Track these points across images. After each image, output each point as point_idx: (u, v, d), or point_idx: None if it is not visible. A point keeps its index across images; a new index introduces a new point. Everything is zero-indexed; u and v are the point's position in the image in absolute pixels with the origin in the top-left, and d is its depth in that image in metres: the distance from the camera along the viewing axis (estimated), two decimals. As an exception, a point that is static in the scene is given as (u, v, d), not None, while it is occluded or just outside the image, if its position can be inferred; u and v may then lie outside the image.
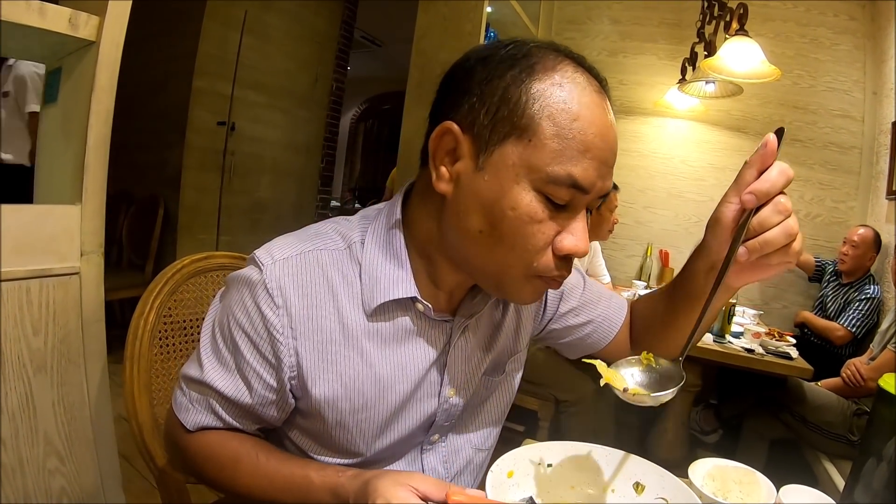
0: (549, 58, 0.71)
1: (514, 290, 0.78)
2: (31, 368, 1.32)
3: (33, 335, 1.32)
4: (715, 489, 0.95)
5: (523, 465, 0.87)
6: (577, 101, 0.69)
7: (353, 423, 0.85)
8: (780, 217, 0.71)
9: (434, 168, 0.75)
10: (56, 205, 1.38)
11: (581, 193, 0.70)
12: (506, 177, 0.70)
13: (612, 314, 1.09)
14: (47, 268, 1.33)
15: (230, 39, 4.26)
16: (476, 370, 0.95)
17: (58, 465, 1.41)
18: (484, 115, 0.71)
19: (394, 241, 0.83)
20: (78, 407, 1.44)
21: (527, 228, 0.71)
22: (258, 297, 0.79)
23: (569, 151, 0.68)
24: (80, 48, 1.37)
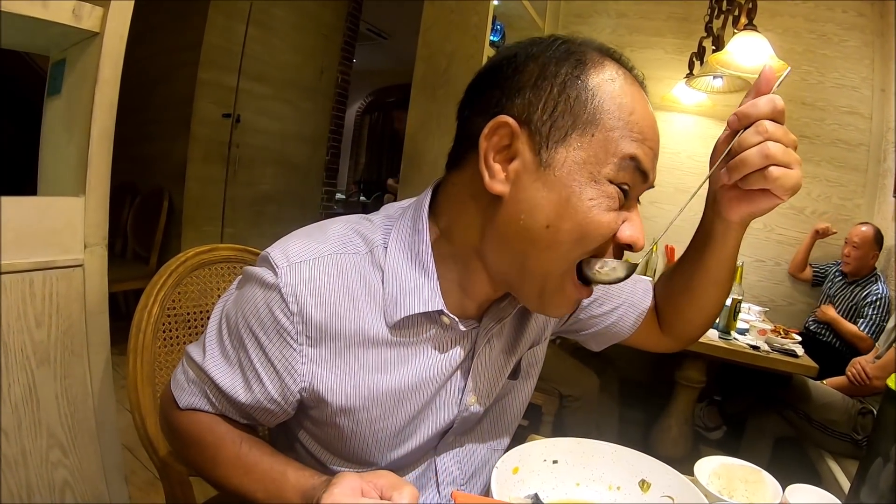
0: (595, 55, 0.72)
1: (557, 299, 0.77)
2: (34, 361, 1.32)
3: (36, 328, 1.32)
4: (720, 487, 0.95)
5: (529, 461, 0.86)
6: (629, 95, 0.71)
7: (370, 433, 0.83)
8: (759, 138, 0.71)
9: (486, 167, 0.72)
10: (59, 197, 1.38)
11: (640, 178, 0.72)
12: (575, 171, 0.69)
13: (637, 300, 1.06)
14: (50, 260, 1.32)
15: (235, 31, 4.25)
16: (500, 375, 0.93)
17: (60, 458, 1.41)
18: (542, 110, 0.70)
19: (420, 247, 0.80)
20: (81, 399, 1.44)
21: (603, 217, 0.70)
22: (272, 301, 0.76)
23: (630, 137, 0.69)
24: (83, 39, 1.37)
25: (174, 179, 4.16)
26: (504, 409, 1.01)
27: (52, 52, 1.52)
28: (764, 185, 0.71)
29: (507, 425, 1.02)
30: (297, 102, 4.99)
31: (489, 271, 0.79)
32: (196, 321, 1.22)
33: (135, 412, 1.09)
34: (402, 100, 3.51)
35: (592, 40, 0.75)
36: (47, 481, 1.39)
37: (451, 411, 0.88)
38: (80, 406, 1.44)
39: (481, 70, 0.79)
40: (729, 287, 0.96)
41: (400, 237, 0.81)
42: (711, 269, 0.91)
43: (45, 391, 1.36)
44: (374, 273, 0.79)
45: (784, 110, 0.71)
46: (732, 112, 0.74)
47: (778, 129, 0.70)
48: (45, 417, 1.37)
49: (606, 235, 0.71)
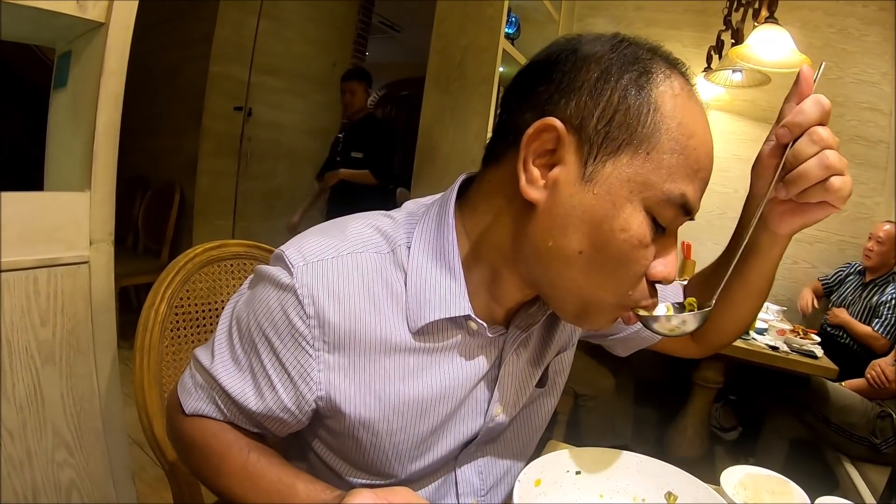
0: (663, 65, 0.66)
1: (597, 318, 0.73)
2: (38, 360, 1.31)
3: (41, 326, 1.31)
4: (746, 498, 0.93)
5: (551, 472, 0.84)
6: (691, 116, 0.64)
7: (390, 444, 0.78)
8: (816, 148, 0.66)
9: (524, 169, 0.66)
10: (64, 192, 1.37)
11: (683, 216, 0.66)
12: (619, 193, 0.63)
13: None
14: (55, 257, 1.31)
15: (247, 24, 4.23)
16: (527, 384, 0.88)
17: (66, 458, 1.40)
18: (597, 118, 0.63)
19: (446, 247, 0.74)
20: (87, 398, 1.43)
21: (635, 253, 0.65)
22: (286, 303, 0.71)
23: (684, 169, 0.63)
24: (89, 30, 1.35)
25: (186, 173, 4.16)
26: (529, 418, 0.96)
27: (58, 43, 1.51)
28: (824, 197, 0.67)
29: (531, 435, 0.98)
30: (310, 96, 4.97)
31: (521, 279, 0.74)
32: (205, 320, 1.19)
33: (142, 413, 1.06)
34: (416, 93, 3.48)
35: (659, 46, 0.69)
36: (53, 482, 1.38)
37: (477, 422, 0.84)
38: (87, 405, 1.43)
39: (534, 59, 0.72)
40: (766, 296, 0.91)
41: (424, 236, 0.76)
42: (752, 280, 0.86)
43: (50, 390, 1.35)
44: (397, 274, 0.74)
45: (830, 109, 0.67)
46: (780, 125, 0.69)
47: (830, 134, 0.66)
48: (51, 417, 1.36)
49: (636, 274, 0.67)
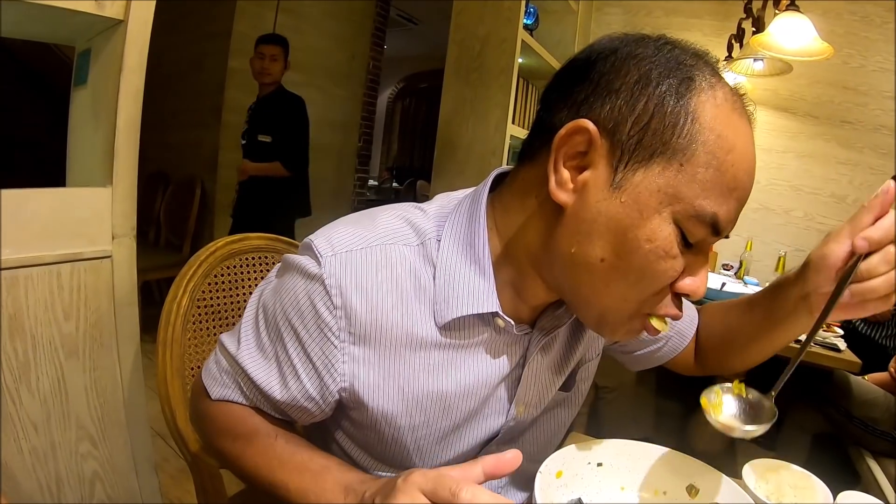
0: (708, 72, 0.63)
1: (615, 327, 0.72)
2: (62, 353, 1.33)
3: (64, 320, 1.32)
4: (769, 492, 0.92)
5: (573, 464, 0.83)
6: (733, 128, 0.62)
7: (412, 439, 0.79)
8: (888, 267, 0.66)
9: (555, 170, 0.65)
10: (86, 188, 1.38)
11: (714, 235, 0.64)
12: (647, 203, 0.61)
13: (684, 327, 1.02)
14: (78, 251, 1.32)
15: (265, 18, 4.24)
16: (550, 385, 0.87)
17: (90, 449, 1.42)
18: (632, 123, 0.62)
19: (476, 242, 0.73)
20: (110, 391, 1.45)
21: (659, 265, 0.63)
22: (314, 293, 0.71)
23: (719, 187, 0.61)
24: (107, 28, 1.36)
25: (206, 167, 4.19)
26: (549, 421, 0.96)
27: (77, 42, 1.52)
28: (881, 305, 0.68)
29: (550, 437, 0.98)
30: (329, 89, 4.98)
31: (545, 282, 0.73)
32: (227, 312, 1.20)
33: (164, 406, 1.07)
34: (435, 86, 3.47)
35: (706, 52, 0.66)
36: (77, 473, 1.40)
37: (498, 421, 0.84)
38: (110, 398, 1.45)
39: (575, 56, 0.69)
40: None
41: (455, 230, 0.75)
42: (777, 340, 0.88)
43: (73, 384, 1.37)
44: (426, 268, 0.74)
45: None
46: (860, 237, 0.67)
47: None
48: (75, 410, 1.38)
49: (662, 285, 0.65)
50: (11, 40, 1.85)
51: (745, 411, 0.78)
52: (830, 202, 3.66)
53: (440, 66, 3.33)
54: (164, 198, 4.31)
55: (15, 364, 1.24)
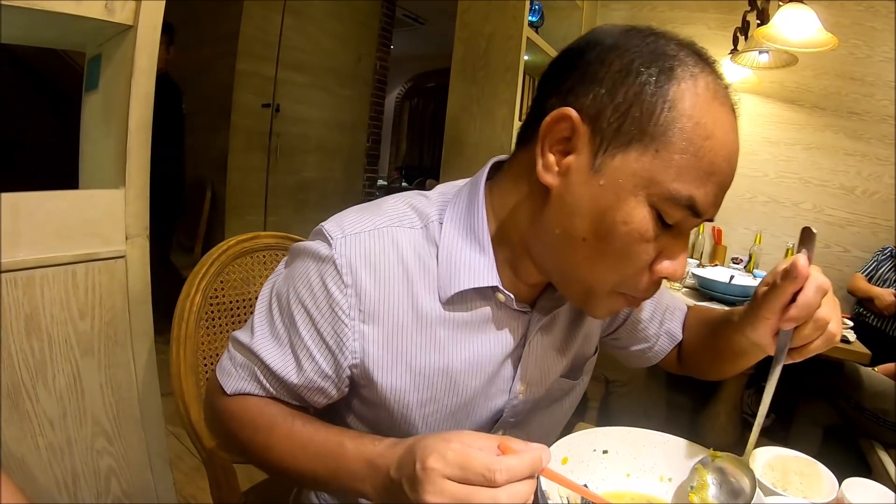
0: (690, 61, 0.65)
1: (598, 304, 0.75)
2: (78, 351, 1.35)
3: (80, 319, 1.35)
4: (774, 480, 0.93)
5: (578, 451, 0.84)
6: (712, 116, 0.64)
7: (420, 416, 0.81)
8: (820, 332, 0.70)
9: (541, 154, 0.69)
10: (100, 189, 1.40)
11: (693, 217, 0.66)
12: (624, 186, 0.64)
13: (674, 327, 1.06)
14: (93, 252, 1.35)
15: (272, 21, 4.27)
16: (551, 369, 0.91)
17: (105, 446, 1.44)
18: (612, 111, 0.65)
19: (475, 223, 0.77)
20: (125, 388, 1.47)
21: (635, 246, 0.66)
22: (325, 273, 0.74)
23: (694, 171, 0.63)
24: (118, 33, 1.38)
25: (216, 169, 4.21)
26: (555, 409, 0.99)
27: (87, 47, 1.54)
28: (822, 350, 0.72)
29: (555, 425, 1.01)
30: (336, 90, 4.99)
31: (535, 262, 0.77)
32: (239, 309, 1.23)
33: (179, 401, 1.10)
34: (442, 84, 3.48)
35: (693, 43, 0.68)
36: (93, 469, 1.42)
37: (501, 399, 0.86)
38: (125, 395, 1.47)
39: (567, 47, 0.73)
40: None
41: (456, 213, 0.79)
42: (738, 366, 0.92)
43: (89, 381, 1.39)
44: (429, 248, 0.78)
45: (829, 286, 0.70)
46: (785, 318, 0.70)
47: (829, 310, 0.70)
48: (90, 406, 1.40)
49: (639, 266, 0.68)
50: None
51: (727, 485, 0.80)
52: (839, 193, 3.66)
53: (447, 64, 3.35)
54: (175, 200, 4.34)
55: (32, 362, 1.27)
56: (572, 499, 0.81)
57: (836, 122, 3.63)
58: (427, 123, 10.35)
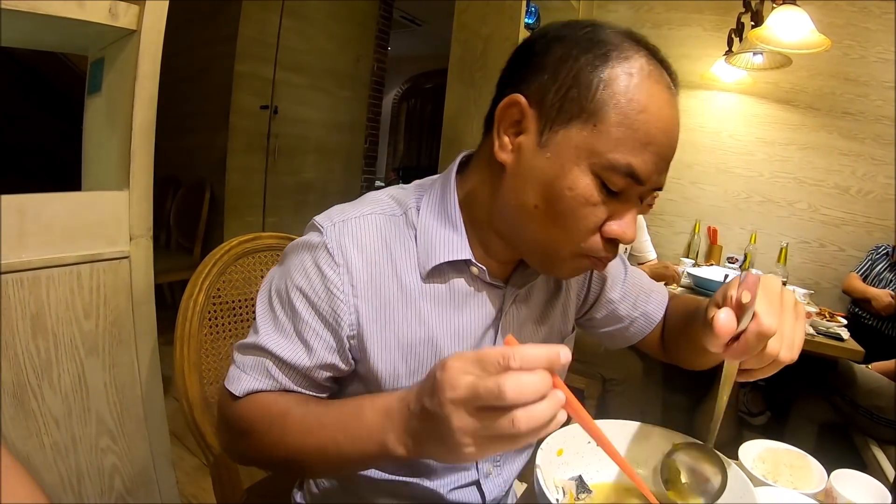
0: (625, 46, 0.72)
1: (558, 266, 0.81)
2: (82, 351, 1.37)
3: (84, 318, 1.37)
4: (765, 472, 0.95)
5: (573, 443, 0.87)
6: (646, 92, 0.70)
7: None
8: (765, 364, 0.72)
9: (497, 136, 0.78)
10: (104, 191, 1.42)
11: (636, 184, 0.72)
12: (567, 157, 0.72)
13: (652, 310, 1.10)
14: (97, 252, 1.37)
15: (270, 22, 4.28)
16: (529, 341, 0.93)
17: (109, 444, 1.46)
18: (554, 93, 0.73)
19: (448, 207, 0.85)
20: (129, 387, 1.49)
21: (581, 210, 0.73)
22: (318, 257, 0.81)
23: (631, 141, 0.70)
24: (121, 37, 1.40)
25: (215, 171, 4.22)
26: None
27: (90, 51, 1.56)
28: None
29: None
30: (334, 91, 5.01)
31: (501, 236, 0.84)
32: (241, 309, 1.25)
33: (182, 399, 1.12)
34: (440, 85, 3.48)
35: (628, 29, 0.75)
36: (97, 467, 1.44)
37: None
38: (129, 394, 1.49)
39: (518, 46, 0.81)
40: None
41: (431, 200, 0.87)
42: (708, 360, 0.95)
43: (93, 380, 1.41)
44: (408, 231, 0.85)
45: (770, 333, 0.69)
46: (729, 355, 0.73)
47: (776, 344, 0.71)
48: (95, 405, 1.42)
49: (587, 228, 0.75)
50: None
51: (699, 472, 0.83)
52: (834, 193, 3.68)
53: (444, 66, 3.35)
54: (174, 201, 4.34)
55: (38, 361, 1.29)
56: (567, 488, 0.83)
57: (830, 123, 3.65)
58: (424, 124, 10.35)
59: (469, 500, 0.97)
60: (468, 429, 0.57)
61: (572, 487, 0.84)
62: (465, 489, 0.97)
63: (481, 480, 0.97)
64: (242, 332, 1.24)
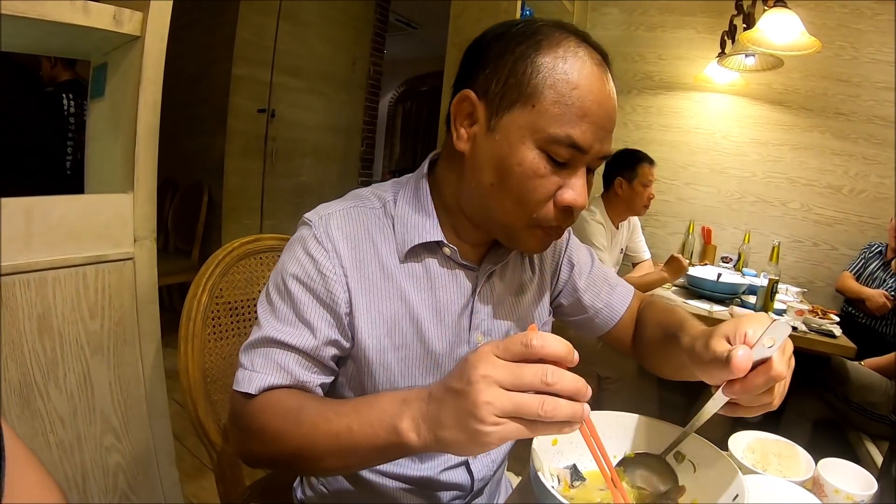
0: (555, 34, 0.81)
1: (522, 238, 0.89)
2: (88, 350, 1.39)
3: (90, 318, 1.39)
4: (754, 461, 0.98)
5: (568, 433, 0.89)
6: (577, 72, 0.79)
7: (395, 360, 0.93)
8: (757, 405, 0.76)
9: (455, 129, 0.87)
10: (109, 194, 1.44)
11: (579, 153, 0.80)
12: (513, 137, 0.81)
13: (615, 301, 1.17)
14: (102, 254, 1.39)
15: (267, 26, 4.30)
16: (505, 318, 1.04)
17: (114, 442, 1.48)
18: (496, 84, 0.82)
19: (421, 197, 0.95)
20: (133, 386, 1.51)
21: (531, 182, 0.81)
22: (309, 246, 0.88)
23: (568, 116, 0.78)
24: (124, 43, 1.42)
25: (213, 174, 4.24)
26: None
27: (93, 56, 1.58)
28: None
29: None
30: (331, 94, 5.03)
31: (468, 218, 0.93)
32: (243, 308, 1.27)
33: (186, 396, 1.14)
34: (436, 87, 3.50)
35: (558, 21, 0.85)
36: (101, 465, 1.46)
37: (465, 349, 0.98)
38: (133, 392, 1.51)
39: (465, 50, 0.91)
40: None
41: (406, 193, 0.96)
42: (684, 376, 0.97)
43: (99, 379, 1.43)
44: (387, 220, 0.94)
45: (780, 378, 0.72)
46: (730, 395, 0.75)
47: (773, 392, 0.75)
48: (100, 404, 1.44)
49: (539, 199, 0.83)
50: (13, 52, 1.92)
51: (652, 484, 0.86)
52: (826, 192, 3.72)
53: (440, 68, 3.36)
54: (172, 205, 4.36)
55: (44, 361, 1.31)
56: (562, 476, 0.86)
57: (822, 123, 3.69)
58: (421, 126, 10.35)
59: (459, 480, 1.02)
60: (495, 403, 0.59)
61: (566, 475, 0.87)
62: (454, 470, 1.02)
63: (469, 461, 1.03)
64: (244, 331, 1.27)
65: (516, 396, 0.59)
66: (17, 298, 1.25)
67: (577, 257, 1.16)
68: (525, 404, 0.58)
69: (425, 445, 0.66)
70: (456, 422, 0.62)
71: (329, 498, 1.07)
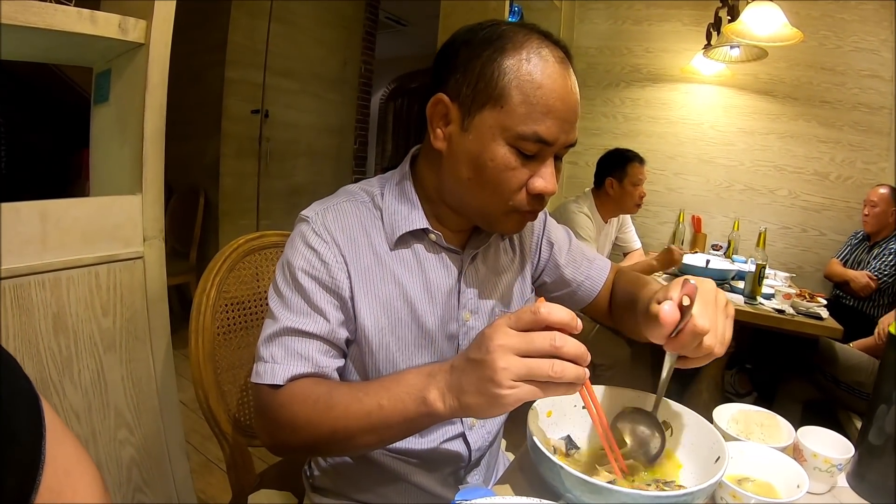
0: (518, 36, 0.87)
1: (499, 223, 0.97)
2: (101, 347, 1.43)
3: (103, 316, 1.43)
4: (738, 431, 1.04)
5: (561, 406, 0.97)
6: (540, 72, 0.85)
7: (393, 340, 1.00)
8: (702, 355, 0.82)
9: (431, 130, 0.94)
10: (119, 196, 1.48)
11: (546, 146, 0.88)
12: (485, 136, 0.88)
13: (595, 274, 1.26)
14: (114, 254, 1.44)
15: (258, 28, 4.32)
16: (489, 297, 1.11)
17: (127, 436, 1.52)
18: (466, 88, 0.88)
19: (405, 189, 1.02)
20: (145, 381, 1.55)
21: (503, 175, 0.89)
22: (309, 239, 0.95)
23: (534, 114, 0.85)
24: (129, 50, 1.47)
25: (208, 176, 4.27)
26: None
27: (96, 63, 1.62)
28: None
29: None
30: (323, 95, 5.06)
31: (450, 207, 1.01)
32: (249, 302, 1.33)
33: (197, 387, 1.20)
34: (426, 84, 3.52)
35: (523, 23, 0.91)
36: (115, 459, 1.50)
37: (454, 326, 1.05)
38: (145, 387, 1.55)
39: (436, 53, 0.98)
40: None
41: (391, 186, 1.04)
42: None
43: (112, 375, 1.47)
44: (376, 212, 1.02)
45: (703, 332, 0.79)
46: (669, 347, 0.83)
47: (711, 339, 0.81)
48: (113, 399, 1.48)
49: (512, 188, 0.90)
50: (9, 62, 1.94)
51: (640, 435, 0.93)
52: (814, 179, 3.79)
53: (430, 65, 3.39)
54: (169, 207, 4.36)
55: (59, 358, 1.35)
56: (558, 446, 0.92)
57: (808, 111, 3.76)
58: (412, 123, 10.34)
59: (458, 450, 1.09)
60: (511, 368, 0.68)
61: (562, 446, 0.93)
62: (452, 441, 1.08)
63: (466, 433, 1.09)
64: (250, 324, 1.32)
65: (529, 361, 0.69)
66: (33, 298, 1.28)
67: (555, 237, 1.25)
68: (537, 367, 0.68)
69: (451, 412, 0.75)
70: (477, 388, 0.71)
71: (337, 477, 1.13)
